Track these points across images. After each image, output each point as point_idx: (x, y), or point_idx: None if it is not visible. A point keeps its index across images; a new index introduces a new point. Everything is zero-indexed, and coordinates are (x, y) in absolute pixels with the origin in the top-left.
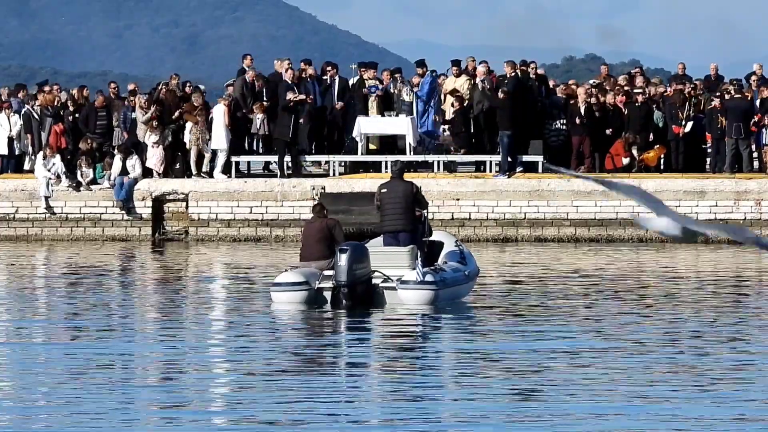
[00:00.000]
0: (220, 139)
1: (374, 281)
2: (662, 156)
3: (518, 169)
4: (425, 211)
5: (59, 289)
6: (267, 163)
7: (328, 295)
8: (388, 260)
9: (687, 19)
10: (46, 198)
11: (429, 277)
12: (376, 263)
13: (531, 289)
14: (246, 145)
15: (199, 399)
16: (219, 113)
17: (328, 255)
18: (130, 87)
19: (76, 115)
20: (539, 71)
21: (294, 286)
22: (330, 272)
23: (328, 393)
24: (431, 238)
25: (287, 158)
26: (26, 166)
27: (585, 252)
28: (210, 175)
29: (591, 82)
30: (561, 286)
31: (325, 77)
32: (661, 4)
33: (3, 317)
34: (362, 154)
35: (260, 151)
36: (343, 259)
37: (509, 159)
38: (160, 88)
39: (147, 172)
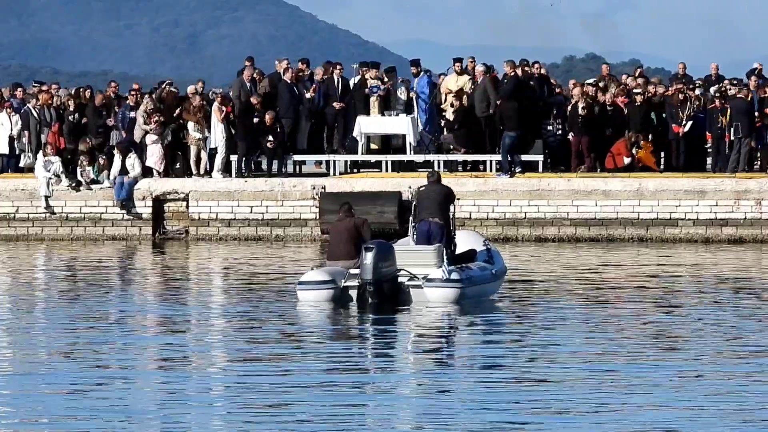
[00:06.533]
0: (216, 137)
1: (400, 279)
2: (653, 151)
3: (518, 169)
4: (453, 209)
5: (58, 289)
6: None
7: (354, 293)
8: (415, 259)
9: (687, 18)
10: (46, 198)
11: (455, 275)
12: (403, 262)
13: (553, 288)
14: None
15: (202, 398)
16: (214, 112)
17: (356, 254)
18: (135, 86)
19: (76, 115)
20: (542, 71)
21: (320, 285)
22: (356, 271)
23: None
24: (459, 244)
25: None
26: (21, 164)
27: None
28: (210, 174)
29: (589, 81)
30: (583, 286)
31: (324, 76)
32: (660, 4)
33: (3, 317)
34: (362, 153)
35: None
36: (368, 257)
37: (509, 159)
38: (163, 87)
39: (147, 172)
